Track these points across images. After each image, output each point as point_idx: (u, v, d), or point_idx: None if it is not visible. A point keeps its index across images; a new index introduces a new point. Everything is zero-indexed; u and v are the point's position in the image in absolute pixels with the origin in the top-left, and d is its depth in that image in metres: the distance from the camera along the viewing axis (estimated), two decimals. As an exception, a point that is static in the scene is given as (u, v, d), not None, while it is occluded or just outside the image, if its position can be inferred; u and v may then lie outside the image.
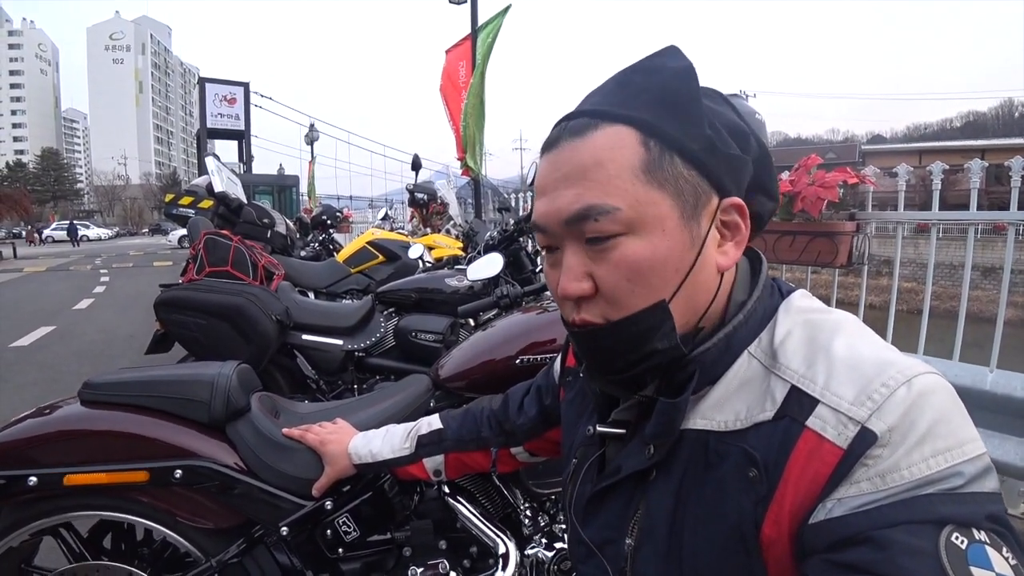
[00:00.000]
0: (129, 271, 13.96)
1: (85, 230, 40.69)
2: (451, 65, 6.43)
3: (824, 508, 0.42)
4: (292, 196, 17.72)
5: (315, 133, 17.67)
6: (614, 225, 0.49)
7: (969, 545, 0.38)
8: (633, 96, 0.51)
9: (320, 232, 6.39)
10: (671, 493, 0.52)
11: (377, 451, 1.01)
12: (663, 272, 0.50)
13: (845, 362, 0.46)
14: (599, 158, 0.49)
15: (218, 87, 21.13)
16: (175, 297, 2.03)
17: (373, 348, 2.36)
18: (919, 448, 0.41)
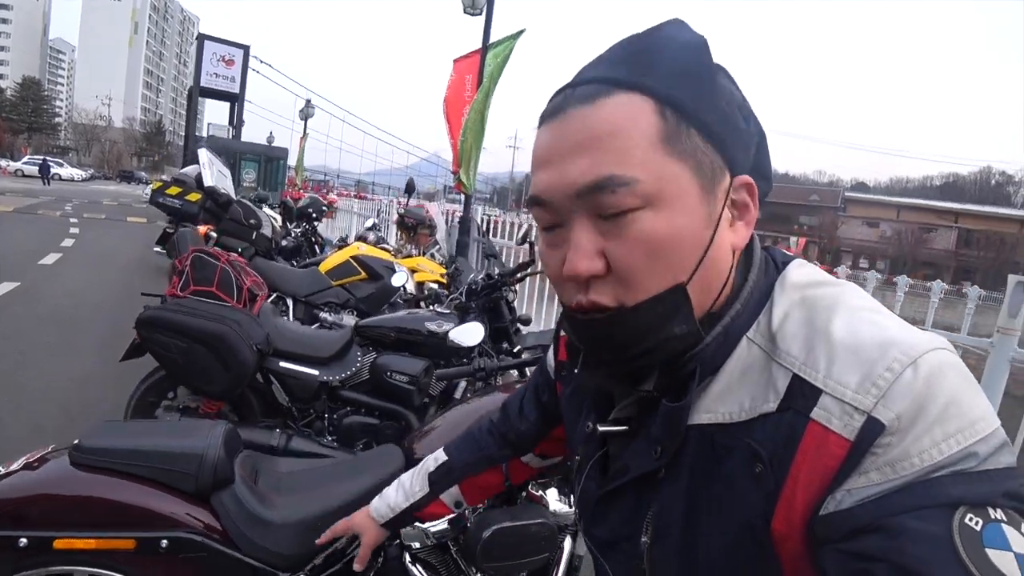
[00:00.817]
0: (101, 224, 13.59)
1: (58, 168, 39.26)
2: (458, 77, 6.45)
3: (834, 499, 0.42)
4: (279, 168, 17.47)
5: (311, 109, 17.42)
6: (632, 198, 0.46)
7: (985, 526, 0.37)
8: (645, 65, 0.47)
9: (304, 222, 6.38)
10: (682, 490, 0.51)
11: (395, 503, 1.00)
12: (681, 250, 0.47)
13: (846, 345, 0.44)
14: (615, 126, 0.46)
15: (217, 46, 20.70)
16: (157, 317, 2.05)
17: (348, 380, 2.41)
18: (929, 433, 0.40)
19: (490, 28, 5.98)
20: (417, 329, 2.49)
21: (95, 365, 3.84)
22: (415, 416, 2.39)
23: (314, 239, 6.38)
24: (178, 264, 2.32)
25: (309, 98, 18.01)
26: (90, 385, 3.55)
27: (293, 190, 14.13)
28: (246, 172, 16.66)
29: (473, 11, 6.30)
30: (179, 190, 4.11)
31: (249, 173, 16.67)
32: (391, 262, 3.71)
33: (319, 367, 2.37)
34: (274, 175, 17.34)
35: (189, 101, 22.06)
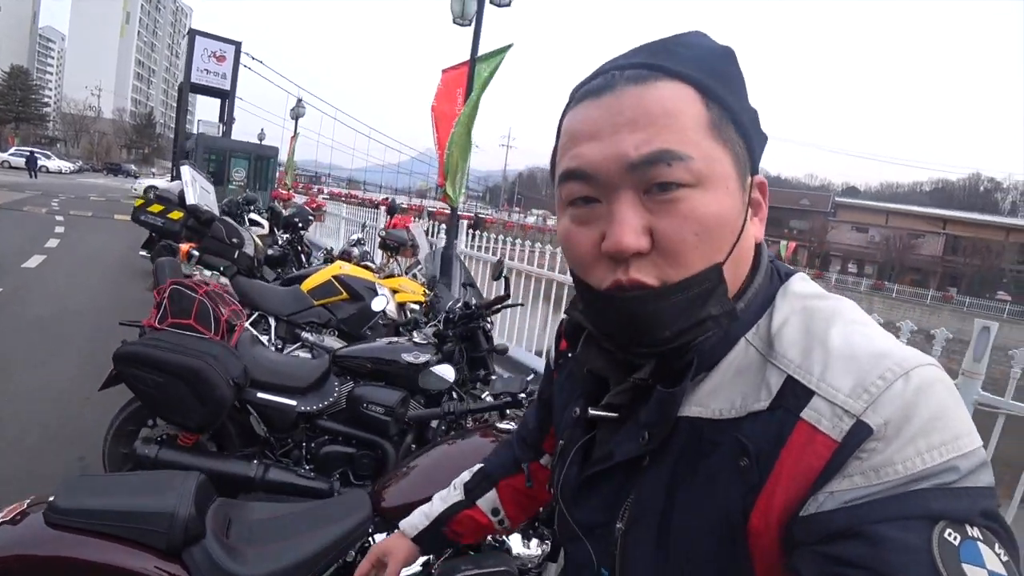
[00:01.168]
0: (87, 222, 13.49)
1: (45, 160, 38.71)
2: (448, 89, 6.47)
3: (816, 501, 0.42)
4: (269, 167, 17.35)
5: (301, 109, 17.34)
6: (686, 174, 0.47)
7: (962, 542, 0.38)
8: (688, 59, 0.49)
9: (290, 232, 6.39)
10: (663, 480, 0.52)
11: (430, 511, 0.96)
12: (723, 231, 0.49)
13: (842, 353, 0.45)
14: (668, 107, 0.47)
15: (208, 42, 20.53)
16: (134, 353, 2.08)
17: (325, 410, 2.45)
18: (914, 442, 0.41)
19: (479, 41, 6.01)
20: (394, 360, 2.54)
21: (76, 380, 3.85)
22: (391, 446, 2.43)
23: (301, 248, 6.39)
24: (156, 295, 2.34)
25: (300, 97, 17.98)
26: (70, 402, 3.56)
27: (283, 190, 14.06)
28: (236, 170, 16.55)
29: (463, 22, 6.33)
30: (161, 208, 4.10)
31: (239, 171, 16.56)
32: (373, 283, 3.74)
33: (296, 397, 2.40)
34: (264, 173, 17.22)
35: (179, 97, 21.87)
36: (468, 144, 6.17)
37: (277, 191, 14.39)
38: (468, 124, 6.02)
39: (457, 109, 6.45)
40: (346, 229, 9.85)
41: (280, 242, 6.41)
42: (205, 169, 15.33)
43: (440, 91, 6.74)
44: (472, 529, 0.95)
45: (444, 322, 2.69)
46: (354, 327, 3.65)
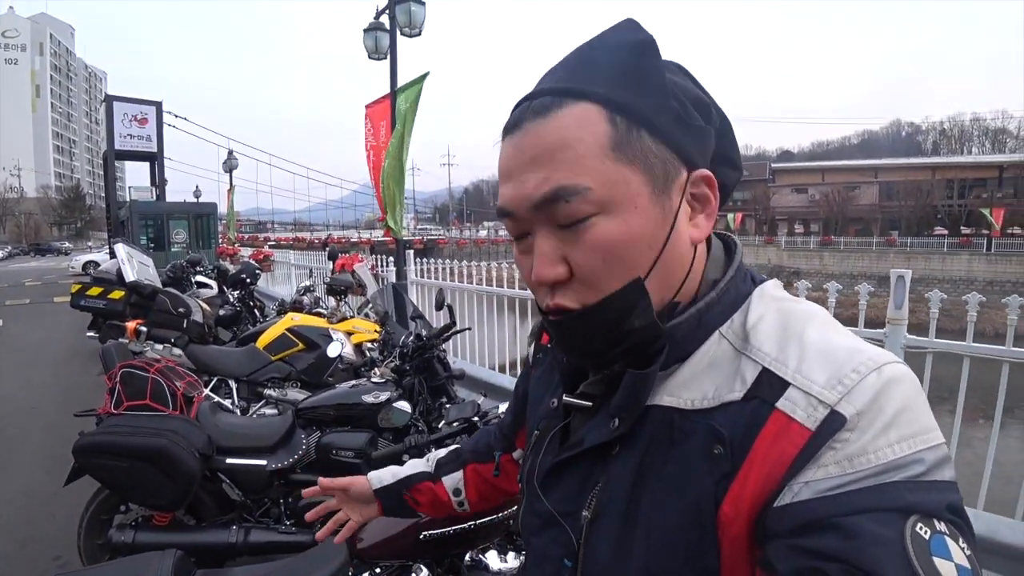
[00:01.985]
0: (27, 310, 12.95)
1: (-30, 251, 36.96)
2: (374, 124, 6.57)
3: (791, 491, 0.43)
4: (209, 224, 17.05)
5: (234, 160, 17.06)
6: (586, 206, 0.48)
7: (932, 536, 0.40)
8: (596, 71, 0.49)
9: (239, 289, 6.34)
10: (632, 467, 0.52)
11: (397, 472, 0.99)
12: (637, 250, 0.49)
13: (817, 348, 0.47)
14: (565, 138, 0.48)
15: (127, 106, 19.98)
16: (94, 443, 2.10)
17: (296, 463, 2.50)
18: (885, 434, 0.42)
19: (396, 74, 6.14)
20: (356, 403, 2.61)
21: (39, 479, 3.76)
22: (366, 486, 2.50)
23: (253, 303, 6.35)
24: (107, 381, 2.36)
25: (231, 149, 17.67)
26: (36, 502, 3.48)
27: (228, 245, 13.84)
28: (176, 232, 16.21)
29: (377, 56, 6.44)
30: (100, 290, 4.03)
31: (179, 233, 16.22)
32: (326, 329, 3.79)
33: (265, 456, 2.45)
34: (206, 231, 16.92)
35: (105, 166, 21.22)
36: (402, 176, 6.27)
37: (222, 247, 14.12)
38: (398, 156, 6.13)
39: (383, 143, 6.55)
40: (297, 275, 9.79)
41: (231, 300, 6.35)
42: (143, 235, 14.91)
43: (367, 128, 6.84)
44: (431, 501, 0.97)
45: (400, 357, 2.78)
46: (315, 376, 3.70)
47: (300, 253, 10.26)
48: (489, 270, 4.37)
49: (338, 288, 4.12)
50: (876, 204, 45.38)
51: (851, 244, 37.62)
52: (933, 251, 32.26)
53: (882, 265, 29.99)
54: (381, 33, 5.95)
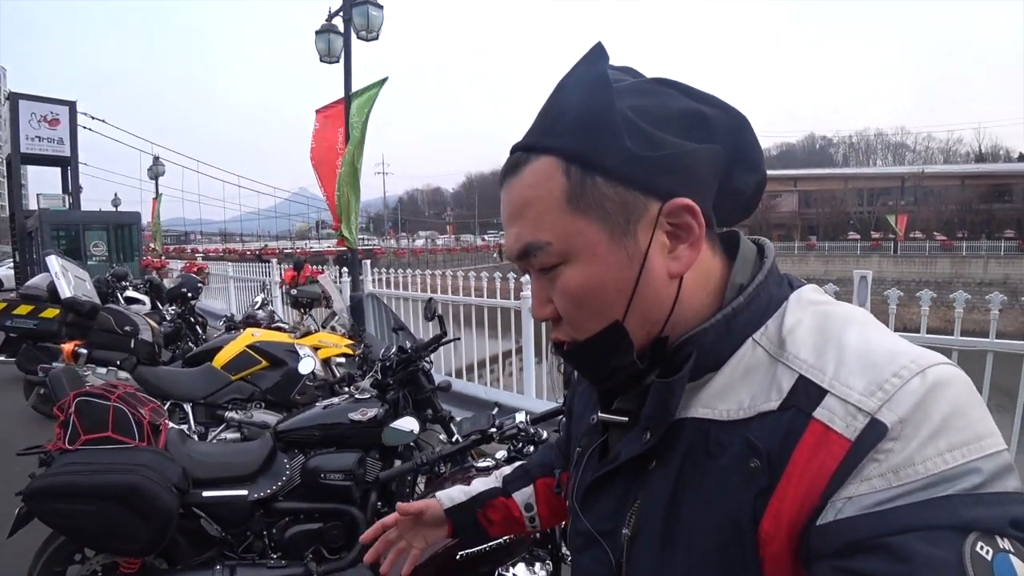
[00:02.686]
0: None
1: None
2: (327, 131, 6.32)
3: (834, 507, 0.41)
4: (132, 236, 15.78)
5: (160, 167, 15.97)
6: (550, 258, 0.51)
7: (995, 556, 0.36)
8: (554, 121, 0.51)
9: (179, 304, 5.91)
10: (670, 482, 0.51)
11: (469, 489, 0.94)
12: (604, 295, 0.51)
13: (856, 352, 0.44)
14: (527, 196, 0.51)
15: (36, 105, 18.20)
16: (51, 485, 1.83)
17: (280, 491, 2.31)
18: (933, 442, 0.39)
19: (351, 78, 5.94)
20: (342, 422, 2.45)
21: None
22: (358, 510, 2.35)
23: (194, 319, 5.93)
24: (58, 413, 2.08)
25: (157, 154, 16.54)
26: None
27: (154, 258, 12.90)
28: (94, 244, 14.92)
29: (329, 59, 6.21)
30: (30, 308, 3.57)
31: (98, 245, 14.92)
32: (291, 344, 3.56)
33: (246, 485, 2.24)
34: (128, 243, 15.67)
35: (9, 171, 19.32)
36: (357, 183, 6.08)
37: (147, 260, 13.15)
38: (354, 162, 5.93)
39: (339, 148, 6.33)
40: (236, 289, 9.25)
41: (168, 317, 5.89)
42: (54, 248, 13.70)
43: (317, 132, 6.58)
44: (504, 519, 0.93)
45: (381, 371, 2.63)
46: (281, 395, 3.45)
47: (237, 265, 9.69)
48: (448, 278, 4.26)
49: (304, 300, 3.88)
50: (796, 211, 48.50)
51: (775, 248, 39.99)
52: (848, 254, 34.79)
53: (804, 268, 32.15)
54: (334, 36, 5.73)
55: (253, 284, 8.62)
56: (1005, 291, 2.74)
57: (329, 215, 6.46)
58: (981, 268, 29.34)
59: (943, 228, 39.40)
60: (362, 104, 5.86)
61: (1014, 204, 41.36)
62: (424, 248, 45.05)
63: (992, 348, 2.50)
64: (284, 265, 7.55)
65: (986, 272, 28.88)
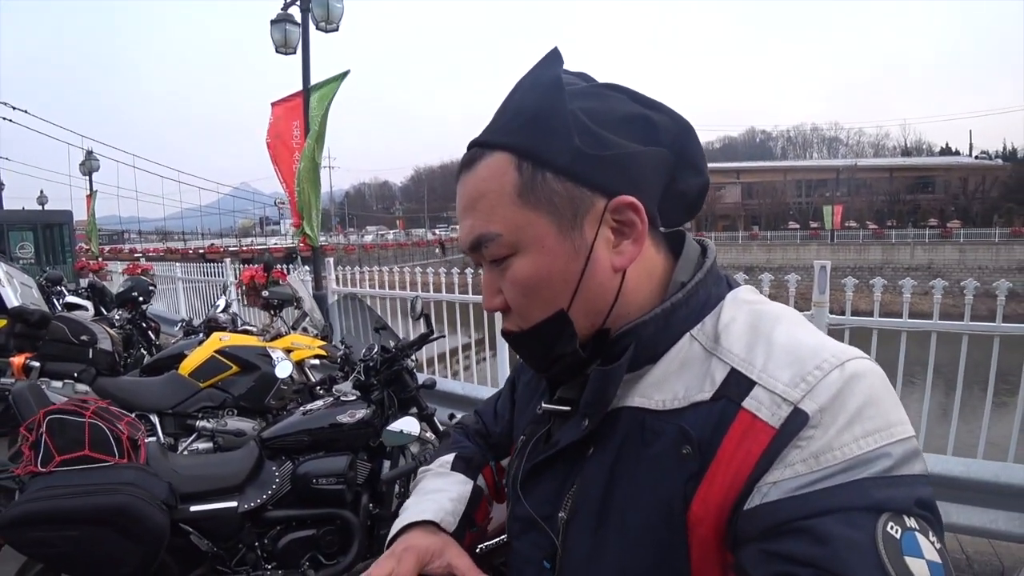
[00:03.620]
0: None
1: None
2: (283, 124, 6.07)
3: (760, 492, 0.43)
4: (63, 236, 14.69)
5: (94, 161, 14.93)
6: (500, 249, 0.54)
7: (903, 534, 0.40)
8: (510, 120, 0.54)
9: (130, 310, 5.60)
10: (606, 468, 0.53)
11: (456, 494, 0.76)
12: (551, 285, 0.53)
13: (784, 347, 0.48)
14: (481, 189, 0.53)
15: (-58, 97, 16.86)
16: (28, 513, 1.70)
17: (269, 499, 2.23)
18: (849, 429, 0.42)
19: (309, 70, 5.74)
20: (330, 426, 2.39)
21: None
22: (351, 513, 2.31)
23: (146, 325, 5.62)
24: (26, 434, 1.93)
25: (90, 148, 15.43)
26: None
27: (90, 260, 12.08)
28: (20, 246, 13.86)
29: (286, 50, 5.99)
30: None
31: (24, 247, 13.85)
32: (263, 348, 3.42)
33: (235, 496, 2.17)
34: (59, 243, 14.61)
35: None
36: (317, 178, 5.90)
37: (82, 262, 12.32)
38: (314, 157, 5.75)
39: (295, 143, 6.12)
40: (186, 291, 8.83)
41: (115, 323, 5.56)
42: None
43: (272, 126, 6.33)
44: (484, 516, 0.81)
45: (364, 371, 2.59)
46: (255, 400, 3.33)
47: (185, 265, 9.24)
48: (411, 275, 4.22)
49: (275, 302, 3.74)
50: (739, 202, 50.31)
51: (720, 238, 41.42)
52: (788, 243, 36.41)
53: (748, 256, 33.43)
54: (291, 26, 5.52)
55: (203, 285, 8.26)
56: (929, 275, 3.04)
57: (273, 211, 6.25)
58: (908, 254, 31.39)
59: (874, 217, 41.82)
60: (321, 98, 5.68)
61: (936, 195, 44.40)
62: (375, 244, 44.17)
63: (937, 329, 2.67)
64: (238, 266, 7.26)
65: (912, 258, 30.93)
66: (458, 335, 4.27)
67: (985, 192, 42.74)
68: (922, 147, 65.57)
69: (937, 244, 32.42)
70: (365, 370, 2.59)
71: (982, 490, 2.45)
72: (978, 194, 42.84)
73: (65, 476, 1.84)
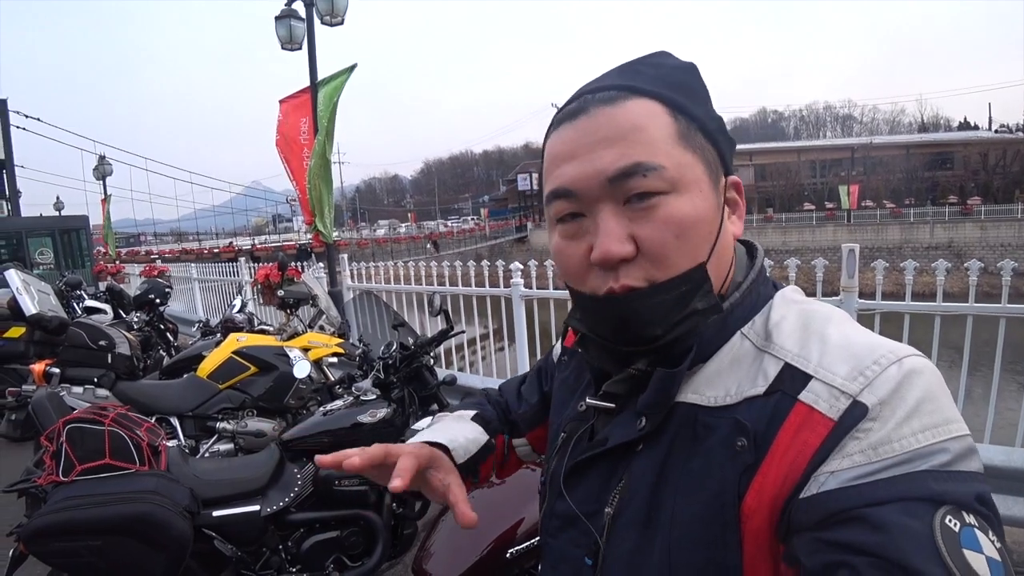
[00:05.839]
0: None
1: None
2: (291, 121, 6.04)
3: (817, 481, 0.43)
4: (81, 241, 14.90)
5: (107, 166, 15.06)
6: (660, 182, 0.50)
7: (962, 528, 0.39)
8: (655, 75, 0.54)
9: (147, 312, 5.63)
10: (656, 464, 0.52)
11: (475, 437, 0.76)
12: (701, 231, 0.52)
13: (838, 343, 0.48)
14: (638, 123, 0.51)
15: (-42, 103, 17.11)
16: (51, 524, 1.68)
17: (292, 502, 2.21)
18: (908, 422, 0.42)
19: (315, 65, 5.69)
20: (351, 426, 2.36)
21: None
22: (374, 513, 2.28)
23: (164, 327, 5.65)
24: (46, 443, 1.92)
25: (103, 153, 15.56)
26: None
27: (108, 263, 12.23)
28: (39, 252, 14.08)
29: (291, 46, 5.93)
30: None
31: (43, 253, 14.06)
32: (280, 348, 3.40)
33: (257, 500, 2.14)
34: (77, 248, 14.83)
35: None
36: (329, 174, 5.87)
37: (100, 265, 12.48)
38: (324, 153, 5.72)
39: (303, 139, 6.09)
40: (202, 291, 8.88)
41: (134, 325, 5.60)
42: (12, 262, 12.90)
43: (281, 123, 6.31)
44: (487, 473, 0.82)
45: (384, 369, 2.55)
46: (274, 401, 3.31)
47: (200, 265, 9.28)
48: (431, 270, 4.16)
49: (291, 301, 3.72)
50: (752, 184, 49.50)
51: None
52: (804, 225, 35.75)
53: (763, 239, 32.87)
54: (296, 21, 5.46)
55: (220, 285, 8.29)
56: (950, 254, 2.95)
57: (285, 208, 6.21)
58: (928, 233, 30.65)
59: (891, 196, 40.96)
60: (330, 93, 5.63)
61: (955, 171, 43.25)
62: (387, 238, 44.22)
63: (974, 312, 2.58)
64: (253, 264, 7.27)
65: (932, 237, 30.21)
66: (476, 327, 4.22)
67: (1006, 167, 41.60)
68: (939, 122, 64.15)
69: (958, 222, 31.52)
70: (384, 368, 2.55)
71: (1021, 479, 2.36)
72: (999, 169, 41.71)
73: (86, 485, 1.82)
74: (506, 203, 59.02)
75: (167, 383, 3.40)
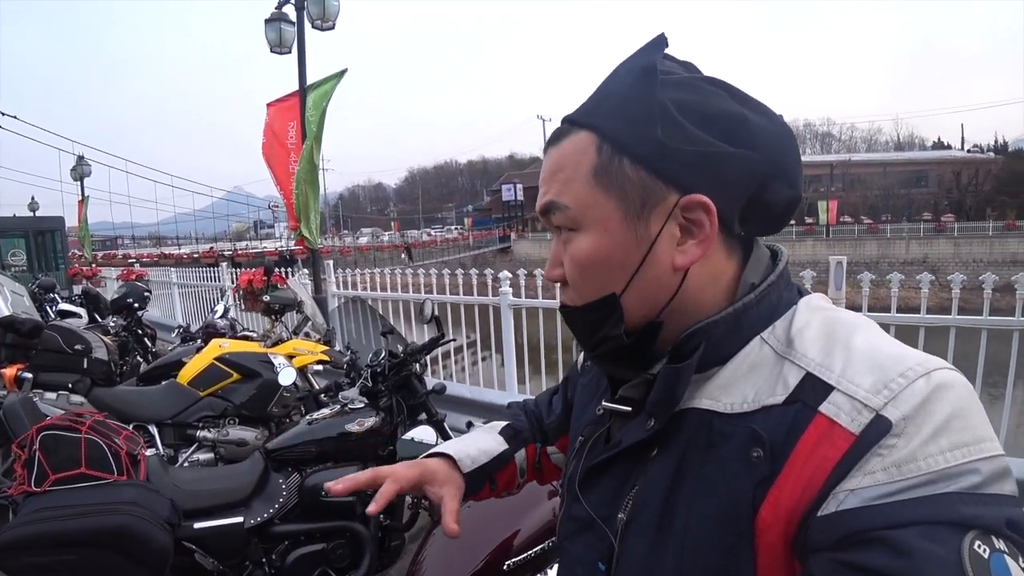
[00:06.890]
0: None
1: None
2: (278, 125, 5.97)
3: (836, 499, 0.41)
4: (55, 243, 14.51)
5: (85, 167, 14.74)
6: (564, 220, 0.55)
7: (991, 554, 0.37)
8: (600, 101, 0.54)
9: (125, 316, 5.48)
10: (670, 470, 0.52)
11: (486, 447, 0.80)
12: (607, 268, 0.53)
13: (864, 354, 0.46)
14: (561, 163, 0.55)
15: (-71, 104, 16.63)
16: (22, 537, 1.60)
17: (276, 513, 2.14)
18: (935, 440, 0.40)
19: (305, 70, 5.64)
20: (338, 436, 2.30)
21: None
22: (361, 525, 2.22)
23: (142, 331, 5.51)
24: (18, 451, 1.83)
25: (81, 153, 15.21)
26: None
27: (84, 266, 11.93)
28: (11, 254, 13.67)
29: (280, 50, 5.88)
30: None
31: (16, 254, 13.67)
32: (264, 354, 3.32)
33: (240, 511, 2.08)
34: (51, 250, 14.43)
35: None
36: (315, 179, 5.81)
37: (75, 268, 12.16)
38: (311, 158, 5.66)
39: (291, 144, 6.02)
40: (181, 296, 8.70)
41: (110, 330, 5.45)
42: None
43: (268, 126, 6.23)
44: (506, 482, 0.84)
45: (372, 377, 2.50)
46: (257, 409, 3.23)
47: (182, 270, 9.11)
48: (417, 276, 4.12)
49: (275, 307, 3.65)
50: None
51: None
52: (785, 239, 36.13)
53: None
54: (286, 25, 5.41)
55: (200, 290, 8.13)
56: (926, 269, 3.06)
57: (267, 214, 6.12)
58: (904, 249, 31.41)
59: (869, 212, 41.88)
60: (319, 98, 5.58)
61: (930, 189, 44.51)
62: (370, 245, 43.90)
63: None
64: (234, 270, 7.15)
65: (908, 252, 30.95)
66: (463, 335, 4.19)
67: (978, 186, 42.91)
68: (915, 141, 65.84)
69: (932, 238, 32.41)
70: (373, 376, 2.50)
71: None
72: (971, 188, 42.99)
73: (61, 496, 1.74)
74: (490, 213, 59.00)
75: (145, 389, 3.30)
